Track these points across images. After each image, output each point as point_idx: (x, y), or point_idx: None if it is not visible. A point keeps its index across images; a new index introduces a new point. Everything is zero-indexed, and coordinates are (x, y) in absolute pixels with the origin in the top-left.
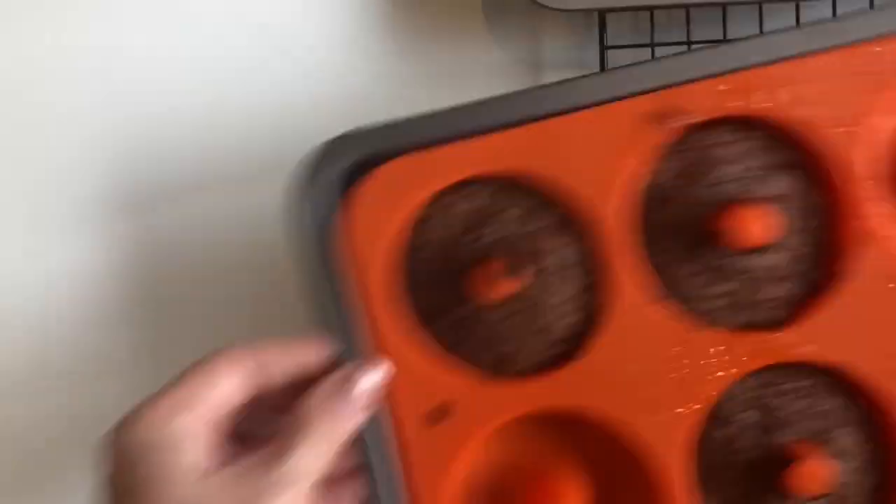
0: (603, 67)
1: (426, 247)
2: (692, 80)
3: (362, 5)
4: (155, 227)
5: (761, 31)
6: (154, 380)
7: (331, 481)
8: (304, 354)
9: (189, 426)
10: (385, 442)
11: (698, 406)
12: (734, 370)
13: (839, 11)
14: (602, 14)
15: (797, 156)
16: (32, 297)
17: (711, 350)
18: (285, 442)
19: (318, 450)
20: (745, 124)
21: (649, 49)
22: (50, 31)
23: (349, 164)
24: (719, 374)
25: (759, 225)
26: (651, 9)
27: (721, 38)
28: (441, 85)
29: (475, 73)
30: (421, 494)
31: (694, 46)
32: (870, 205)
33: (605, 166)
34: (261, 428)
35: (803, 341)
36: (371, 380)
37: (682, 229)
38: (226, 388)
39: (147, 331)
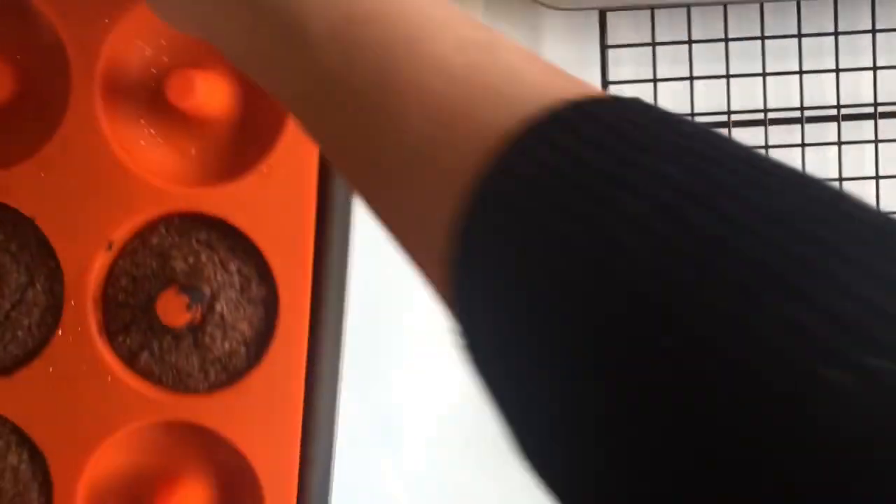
0: (604, 67)
1: None
2: None
3: None
4: None
5: (762, 31)
6: None
7: None
8: None
9: None
10: None
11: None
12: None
13: (840, 11)
14: (602, 14)
15: None
16: None
17: None
18: None
19: None
20: None
21: (650, 48)
22: None
23: None
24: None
25: None
26: (652, 8)
27: (723, 37)
28: None
29: None
30: None
31: (696, 45)
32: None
33: None
34: None
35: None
36: None
37: None
38: None
39: None
